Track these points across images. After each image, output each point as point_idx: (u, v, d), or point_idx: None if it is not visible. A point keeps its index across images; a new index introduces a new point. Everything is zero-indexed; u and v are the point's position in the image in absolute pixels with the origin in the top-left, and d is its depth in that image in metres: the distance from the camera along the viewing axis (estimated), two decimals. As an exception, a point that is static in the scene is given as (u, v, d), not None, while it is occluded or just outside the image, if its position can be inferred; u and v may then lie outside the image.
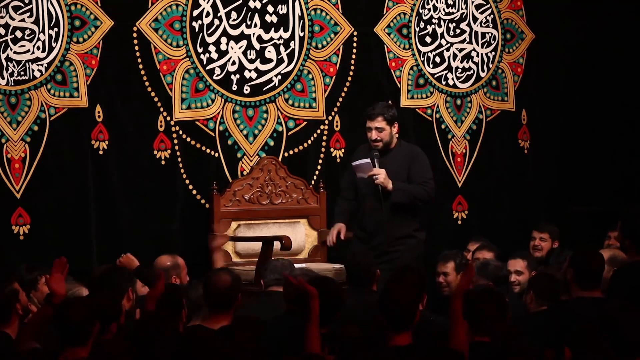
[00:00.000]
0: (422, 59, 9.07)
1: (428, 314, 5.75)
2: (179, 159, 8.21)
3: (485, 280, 6.37)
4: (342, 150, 8.74)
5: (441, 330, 5.32)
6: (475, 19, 9.28)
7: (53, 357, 4.56)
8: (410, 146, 7.51)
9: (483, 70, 9.35)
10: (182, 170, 8.23)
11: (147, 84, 8.09)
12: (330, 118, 8.67)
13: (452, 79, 9.21)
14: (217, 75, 8.31)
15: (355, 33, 8.80)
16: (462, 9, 9.20)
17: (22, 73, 7.66)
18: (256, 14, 8.40)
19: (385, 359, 4.62)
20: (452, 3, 9.16)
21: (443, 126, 9.18)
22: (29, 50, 7.69)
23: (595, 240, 8.23)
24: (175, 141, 8.19)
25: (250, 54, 8.41)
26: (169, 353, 4.19)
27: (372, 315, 4.95)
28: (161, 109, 8.14)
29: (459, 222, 9.28)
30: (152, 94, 8.11)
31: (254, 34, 8.41)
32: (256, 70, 8.44)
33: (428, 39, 9.10)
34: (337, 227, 7.45)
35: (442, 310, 7.21)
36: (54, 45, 7.75)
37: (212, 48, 8.28)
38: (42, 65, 7.73)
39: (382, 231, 7.15)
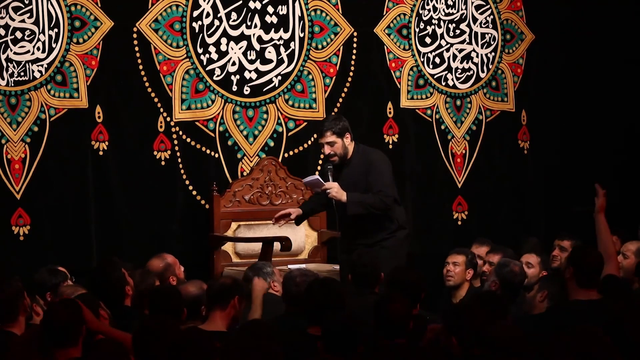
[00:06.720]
0: (422, 59, 9.07)
1: (424, 313, 5.76)
2: (179, 160, 8.21)
3: (494, 277, 6.39)
4: (342, 150, 8.73)
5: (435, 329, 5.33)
6: (475, 20, 9.28)
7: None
8: (367, 153, 7.21)
9: (483, 71, 9.35)
10: (182, 171, 8.23)
11: (147, 84, 8.09)
12: (330, 119, 8.65)
13: (452, 79, 9.21)
14: (217, 75, 8.32)
15: (355, 34, 8.80)
16: (462, 9, 9.21)
17: (22, 74, 7.66)
18: (256, 15, 8.40)
19: (380, 357, 4.64)
20: (452, 4, 9.17)
21: (443, 127, 9.18)
22: (29, 51, 7.69)
23: (595, 241, 8.22)
24: (175, 142, 8.19)
25: (250, 55, 8.42)
26: (167, 355, 4.18)
27: (372, 317, 4.96)
28: (161, 110, 8.14)
29: (459, 222, 9.28)
30: (152, 94, 8.11)
31: (254, 34, 8.41)
32: (256, 70, 8.44)
33: (428, 40, 9.11)
34: (291, 210, 7.29)
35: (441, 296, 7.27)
36: (54, 45, 7.75)
37: (212, 49, 8.29)
38: (42, 65, 7.73)
39: (342, 241, 7.06)
